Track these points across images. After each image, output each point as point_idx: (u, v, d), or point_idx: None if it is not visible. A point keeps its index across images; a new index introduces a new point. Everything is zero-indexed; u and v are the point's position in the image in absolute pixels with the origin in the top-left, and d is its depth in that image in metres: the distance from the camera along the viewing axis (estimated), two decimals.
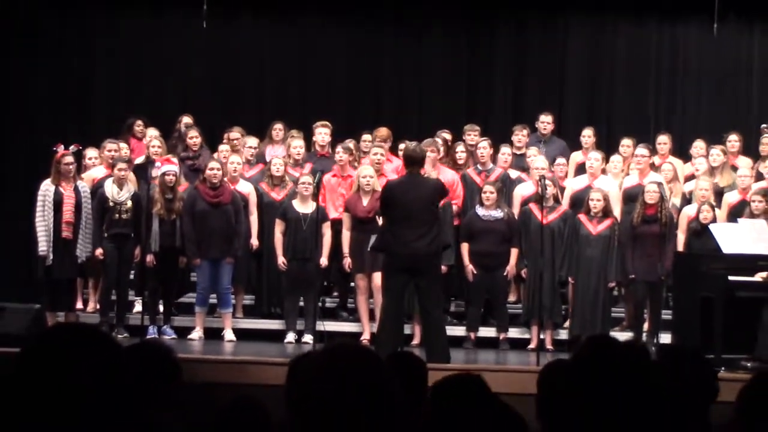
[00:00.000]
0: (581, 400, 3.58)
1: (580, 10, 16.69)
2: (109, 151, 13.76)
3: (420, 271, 11.20)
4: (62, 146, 12.91)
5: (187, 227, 12.92)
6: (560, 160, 14.05)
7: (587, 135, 14.80)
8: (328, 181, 13.35)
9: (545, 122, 15.06)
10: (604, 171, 13.89)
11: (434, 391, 4.38)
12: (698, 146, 14.55)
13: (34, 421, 2.43)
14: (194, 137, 14.20)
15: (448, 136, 14.43)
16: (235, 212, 13.02)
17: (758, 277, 11.70)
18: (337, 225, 13.24)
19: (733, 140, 14.51)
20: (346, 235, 13.10)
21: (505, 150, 14.22)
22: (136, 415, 2.54)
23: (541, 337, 13.10)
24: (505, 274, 13.23)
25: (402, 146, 13.21)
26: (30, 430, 2.44)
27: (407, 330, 12.66)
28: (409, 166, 11.46)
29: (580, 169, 14.36)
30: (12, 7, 15.89)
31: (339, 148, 13.81)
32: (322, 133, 14.38)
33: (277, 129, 14.67)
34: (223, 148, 14.10)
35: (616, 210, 13.36)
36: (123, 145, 14.06)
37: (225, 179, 13.14)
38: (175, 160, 13.39)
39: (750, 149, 14.61)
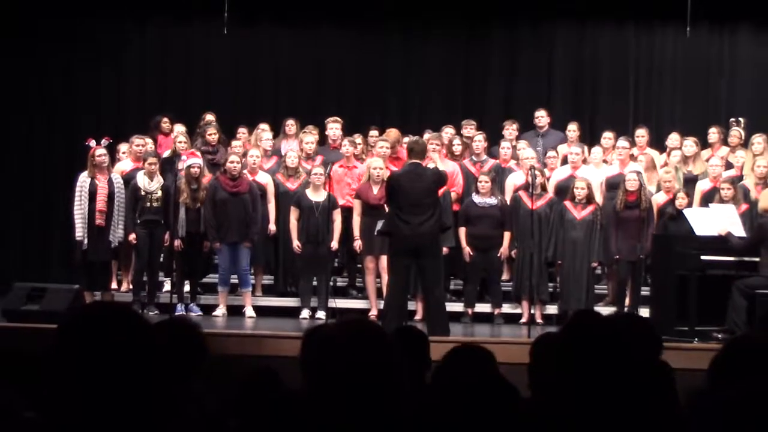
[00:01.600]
0: (569, 369, 3.56)
1: (566, 16, 16.64)
2: (137, 146, 13.81)
3: (423, 252, 11.19)
4: (93, 141, 12.92)
5: (209, 214, 12.91)
6: (551, 153, 14.04)
7: (572, 129, 14.76)
8: (335, 171, 13.33)
9: (540, 116, 15.04)
10: (585, 161, 13.93)
11: (444, 360, 4.36)
12: (673, 138, 14.56)
13: (72, 391, 2.42)
14: (212, 134, 14.17)
15: (451, 130, 14.47)
16: (252, 201, 13.00)
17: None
18: (344, 211, 13.24)
19: (712, 132, 14.51)
20: (356, 220, 13.10)
21: (504, 144, 14.22)
22: (165, 385, 2.53)
23: (532, 312, 13.09)
24: (498, 255, 13.24)
25: (405, 140, 13.37)
26: (69, 398, 2.43)
27: (411, 306, 12.66)
28: (412, 157, 11.48)
29: (566, 160, 14.38)
30: (53, 16, 15.93)
31: (345, 141, 13.84)
32: (334, 128, 14.37)
33: (290, 124, 14.69)
34: (236, 143, 14.10)
35: (598, 197, 13.38)
36: (149, 140, 14.10)
37: (245, 171, 13.17)
38: (199, 153, 13.41)
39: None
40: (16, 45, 15.98)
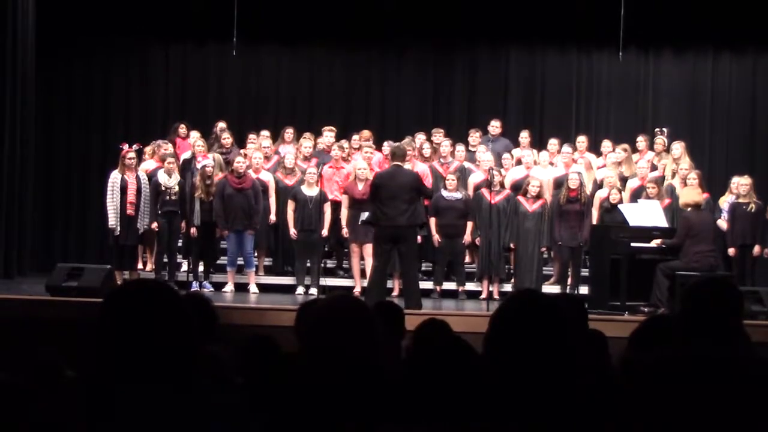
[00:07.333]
0: (515, 338, 3.58)
1: (518, 42, 16.70)
2: (165, 150, 13.76)
3: (401, 239, 11.18)
4: (126, 145, 12.93)
5: (218, 206, 12.87)
6: (506, 156, 14.11)
7: (524, 136, 14.80)
8: (326, 171, 13.34)
9: (494, 126, 15.05)
10: (536, 163, 13.97)
11: (416, 331, 4.39)
12: (606, 145, 14.62)
13: (118, 354, 2.43)
14: (227, 138, 14.16)
15: (423, 136, 14.49)
16: (254, 195, 12.97)
17: (654, 243, 11.84)
18: (333, 204, 13.23)
19: (640, 140, 14.57)
20: (344, 212, 13.10)
21: (460, 148, 14.24)
22: (195, 346, 2.55)
23: (490, 289, 13.11)
24: (463, 241, 13.25)
25: (385, 144, 13.48)
26: (116, 360, 2.44)
27: (389, 284, 12.66)
28: (394, 160, 11.49)
29: (519, 162, 14.40)
30: (94, 41, 15.92)
31: (334, 146, 13.84)
32: (328, 136, 14.39)
33: (288, 132, 14.67)
34: (252, 146, 14.12)
35: (547, 193, 13.42)
36: (170, 144, 14.07)
37: (250, 170, 13.16)
38: (210, 155, 13.42)
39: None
40: (63, 63, 16.00)
